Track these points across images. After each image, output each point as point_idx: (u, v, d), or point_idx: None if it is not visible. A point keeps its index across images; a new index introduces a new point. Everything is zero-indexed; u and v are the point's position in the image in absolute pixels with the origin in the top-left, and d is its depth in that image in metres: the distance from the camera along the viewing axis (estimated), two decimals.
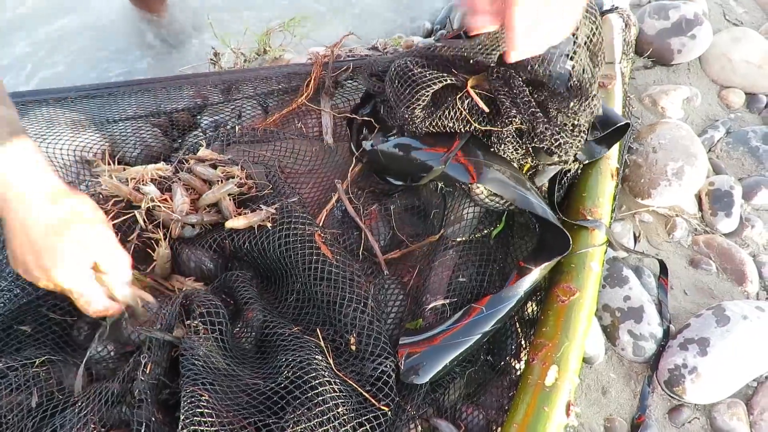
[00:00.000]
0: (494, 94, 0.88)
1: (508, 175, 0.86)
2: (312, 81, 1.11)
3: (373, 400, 0.73)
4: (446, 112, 0.89)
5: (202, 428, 0.64)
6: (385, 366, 0.75)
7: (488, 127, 0.87)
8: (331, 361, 0.75)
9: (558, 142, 0.85)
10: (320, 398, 0.69)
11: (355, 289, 0.81)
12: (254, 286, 0.86)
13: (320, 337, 0.78)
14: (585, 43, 0.88)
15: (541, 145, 0.86)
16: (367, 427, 0.71)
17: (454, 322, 0.81)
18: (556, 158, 0.88)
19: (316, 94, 1.13)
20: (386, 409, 0.73)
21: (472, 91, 0.88)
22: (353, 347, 0.77)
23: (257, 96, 1.18)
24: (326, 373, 0.72)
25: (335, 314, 0.80)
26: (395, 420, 0.76)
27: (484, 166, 0.86)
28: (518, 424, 0.76)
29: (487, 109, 0.87)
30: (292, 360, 0.73)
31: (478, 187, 0.90)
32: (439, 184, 0.97)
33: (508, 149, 0.89)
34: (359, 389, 0.74)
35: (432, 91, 0.87)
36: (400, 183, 1.00)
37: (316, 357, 0.74)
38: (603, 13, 1.22)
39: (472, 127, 0.89)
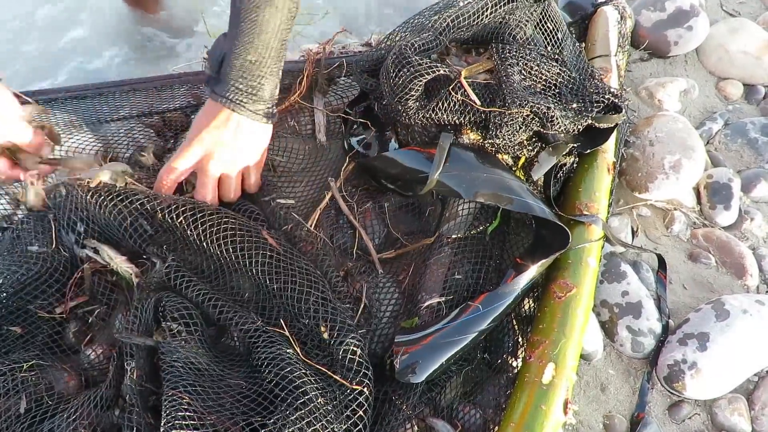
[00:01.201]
0: (495, 79, 0.88)
1: (500, 183, 0.85)
2: (305, 79, 1.10)
3: (343, 382, 0.72)
4: (440, 104, 0.88)
5: (184, 431, 0.64)
6: (347, 345, 0.74)
7: (489, 109, 0.87)
8: (298, 350, 0.74)
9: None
10: (299, 391, 0.68)
11: (307, 276, 0.80)
12: (201, 279, 0.83)
13: (285, 327, 0.77)
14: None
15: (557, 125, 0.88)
16: (348, 412, 0.70)
17: (450, 320, 0.80)
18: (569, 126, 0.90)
19: (309, 92, 1.12)
20: (359, 387, 0.71)
21: (464, 83, 0.87)
22: (326, 335, 0.76)
23: None
24: (300, 365, 0.72)
25: (292, 303, 0.79)
26: (379, 401, 0.75)
27: (473, 180, 0.85)
28: (515, 423, 0.75)
29: (479, 102, 0.86)
30: (265, 357, 0.72)
31: None
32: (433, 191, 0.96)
33: (507, 133, 0.87)
34: (328, 372, 0.73)
35: (425, 80, 0.86)
36: (393, 188, 0.99)
37: (287, 351, 0.73)
38: (598, 5, 1.21)
39: (467, 117, 0.88)
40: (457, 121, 0.89)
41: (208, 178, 0.87)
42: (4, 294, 0.81)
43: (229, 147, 0.86)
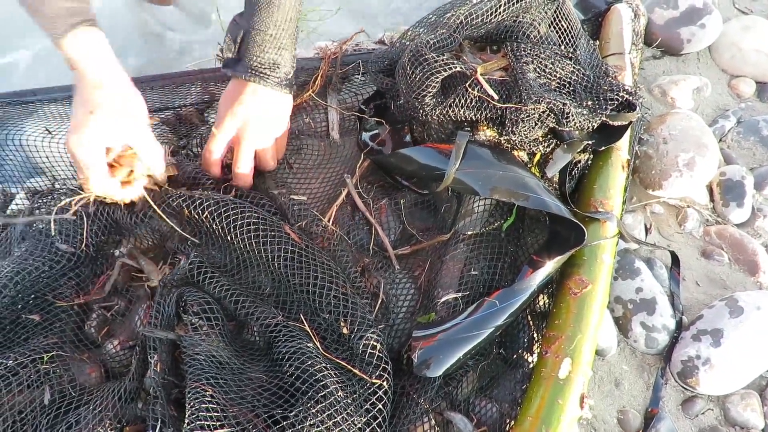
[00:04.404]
0: (510, 76, 0.89)
1: (517, 180, 0.85)
2: (319, 77, 1.11)
3: (363, 376, 0.73)
4: (456, 100, 0.88)
5: (208, 422, 0.65)
6: (366, 339, 0.75)
7: (506, 105, 0.88)
8: (318, 345, 0.75)
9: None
10: (320, 384, 0.70)
11: (328, 271, 0.81)
12: (224, 276, 0.84)
13: (305, 322, 0.78)
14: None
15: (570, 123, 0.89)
16: (367, 405, 0.71)
17: (466, 316, 0.81)
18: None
19: (324, 90, 1.13)
20: (378, 381, 0.73)
21: (481, 79, 0.88)
22: (345, 330, 0.77)
23: None
24: (320, 359, 0.73)
25: (312, 298, 0.80)
26: (397, 395, 0.76)
27: (489, 177, 0.85)
28: (532, 417, 0.76)
29: (496, 97, 0.87)
30: (285, 351, 0.74)
31: None
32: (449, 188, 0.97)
33: (523, 129, 0.88)
34: (348, 366, 0.74)
35: (441, 77, 0.86)
36: (408, 185, 1.00)
37: (308, 345, 0.74)
38: (611, 3, 1.21)
39: (484, 114, 0.89)
40: (473, 118, 0.90)
41: (244, 151, 0.91)
42: (27, 284, 0.82)
43: (260, 118, 0.90)
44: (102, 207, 0.86)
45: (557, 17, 1.03)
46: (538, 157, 0.97)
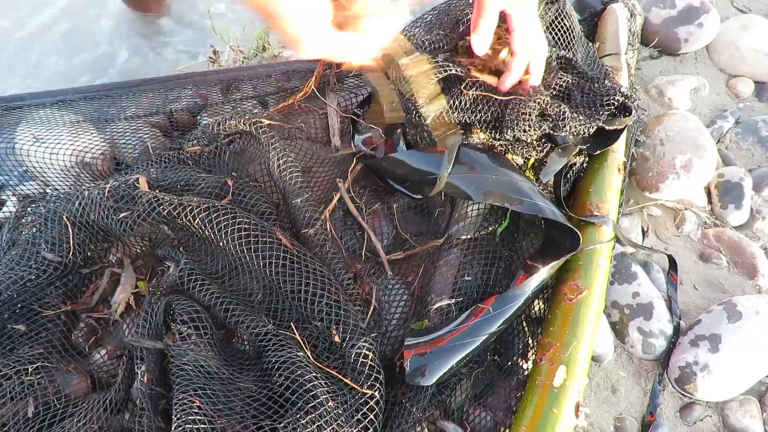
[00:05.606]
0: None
1: (510, 184, 0.84)
2: (315, 79, 1.09)
3: (354, 386, 0.72)
4: (450, 102, 0.87)
5: None
6: (359, 348, 0.74)
7: (509, 97, 0.86)
8: (309, 354, 0.74)
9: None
10: (310, 394, 0.68)
11: (320, 278, 0.79)
12: (214, 283, 0.83)
13: (295, 331, 0.77)
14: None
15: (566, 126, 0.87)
16: (359, 416, 0.70)
17: (460, 323, 0.80)
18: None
19: (322, 92, 1.11)
20: (370, 391, 0.71)
21: (478, 74, 0.86)
22: (337, 339, 0.76)
23: (257, 95, 1.17)
24: (311, 368, 0.71)
25: (304, 305, 0.78)
26: (389, 404, 0.75)
27: (482, 181, 0.84)
28: (526, 426, 0.74)
29: (496, 81, 0.85)
30: (275, 361, 0.72)
31: None
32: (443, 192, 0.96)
33: (519, 129, 0.87)
34: (339, 376, 0.73)
35: (435, 79, 0.85)
36: (401, 189, 0.98)
37: (298, 354, 0.73)
38: (607, 3, 1.20)
39: (478, 116, 0.87)
40: (468, 120, 0.89)
41: (529, 21, 0.73)
42: (14, 294, 0.80)
43: None
44: (87, 213, 0.84)
45: (557, 18, 1.01)
46: (532, 160, 0.95)
